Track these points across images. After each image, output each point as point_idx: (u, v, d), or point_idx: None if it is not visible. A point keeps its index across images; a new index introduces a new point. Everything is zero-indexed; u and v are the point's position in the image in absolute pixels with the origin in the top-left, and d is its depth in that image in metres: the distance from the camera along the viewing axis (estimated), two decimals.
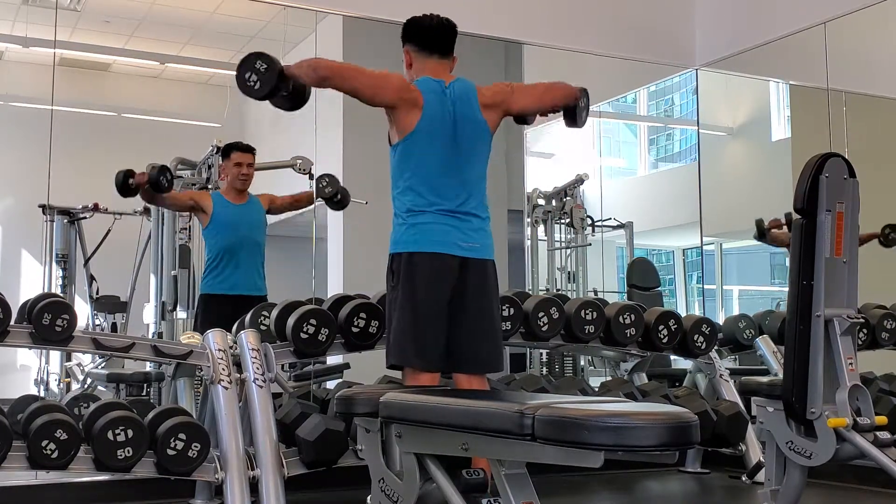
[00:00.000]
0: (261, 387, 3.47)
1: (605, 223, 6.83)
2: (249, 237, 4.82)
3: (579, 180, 6.77)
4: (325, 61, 3.12)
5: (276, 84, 3.07)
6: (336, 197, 5.00)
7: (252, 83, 3.07)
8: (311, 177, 5.07)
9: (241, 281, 4.74)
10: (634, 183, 8.10)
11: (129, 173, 4.34)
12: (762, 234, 5.22)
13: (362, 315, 3.72)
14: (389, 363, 3.18)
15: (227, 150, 4.88)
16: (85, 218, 5.90)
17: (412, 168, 3.13)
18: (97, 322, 5.82)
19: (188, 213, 5.12)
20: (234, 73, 3.10)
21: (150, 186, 4.33)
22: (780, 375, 3.17)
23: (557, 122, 3.67)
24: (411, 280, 3.07)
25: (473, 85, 3.24)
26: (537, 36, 5.55)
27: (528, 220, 6.57)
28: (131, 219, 5.75)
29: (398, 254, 3.12)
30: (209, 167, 5.34)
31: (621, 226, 6.97)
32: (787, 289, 2.90)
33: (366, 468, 2.32)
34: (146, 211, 5.58)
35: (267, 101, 3.18)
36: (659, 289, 6.69)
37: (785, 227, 4.96)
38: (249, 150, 4.88)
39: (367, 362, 4.06)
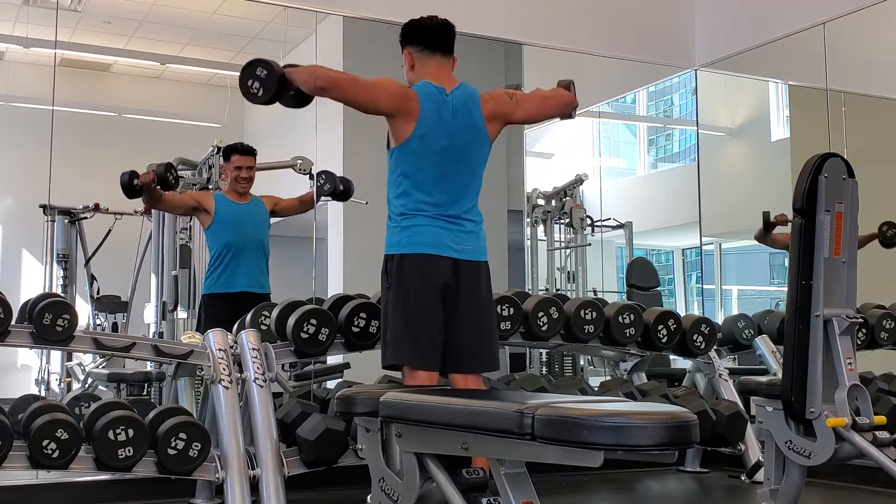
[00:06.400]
0: (261, 386, 3.47)
1: (604, 223, 6.84)
2: (252, 235, 4.79)
3: (579, 180, 6.78)
4: (322, 70, 3.13)
5: (278, 89, 3.12)
6: (338, 190, 4.99)
7: (255, 90, 3.13)
8: (311, 177, 5.06)
9: (244, 278, 4.72)
10: (634, 183, 8.11)
11: (133, 174, 4.31)
12: (767, 226, 5.20)
13: (362, 315, 3.73)
14: (386, 364, 3.19)
15: (227, 153, 4.83)
16: (86, 218, 5.91)
17: (407, 173, 3.14)
18: (98, 322, 5.83)
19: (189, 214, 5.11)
20: (237, 74, 3.14)
21: (158, 183, 4.32)
22: (780, 375, 3.17)
23: (557, 123, 3.68)
24: (403, 281, 3.10)
25: (477, 92, 3.23)
26: (537, 36, 5.55)
27: (528, 220, 6.57)
28: (132, 219, 5.76)
29: (391, 255, 3.14)
30: (209, 167, 5.35)
31: (621, 226, 6.98)
32: (786, 289, 2.90)
33: (366, 468, 2.32)
34: (147, 211, 5.58)
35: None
36: (658, 289, 6.69)
37: (790, 224, 4.98)
38: (250, 152, 4.82)
39: (367, 362, 4.06)
